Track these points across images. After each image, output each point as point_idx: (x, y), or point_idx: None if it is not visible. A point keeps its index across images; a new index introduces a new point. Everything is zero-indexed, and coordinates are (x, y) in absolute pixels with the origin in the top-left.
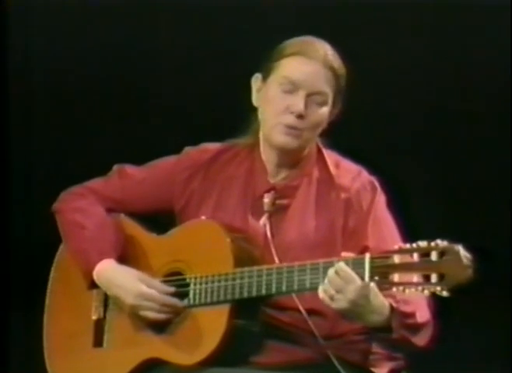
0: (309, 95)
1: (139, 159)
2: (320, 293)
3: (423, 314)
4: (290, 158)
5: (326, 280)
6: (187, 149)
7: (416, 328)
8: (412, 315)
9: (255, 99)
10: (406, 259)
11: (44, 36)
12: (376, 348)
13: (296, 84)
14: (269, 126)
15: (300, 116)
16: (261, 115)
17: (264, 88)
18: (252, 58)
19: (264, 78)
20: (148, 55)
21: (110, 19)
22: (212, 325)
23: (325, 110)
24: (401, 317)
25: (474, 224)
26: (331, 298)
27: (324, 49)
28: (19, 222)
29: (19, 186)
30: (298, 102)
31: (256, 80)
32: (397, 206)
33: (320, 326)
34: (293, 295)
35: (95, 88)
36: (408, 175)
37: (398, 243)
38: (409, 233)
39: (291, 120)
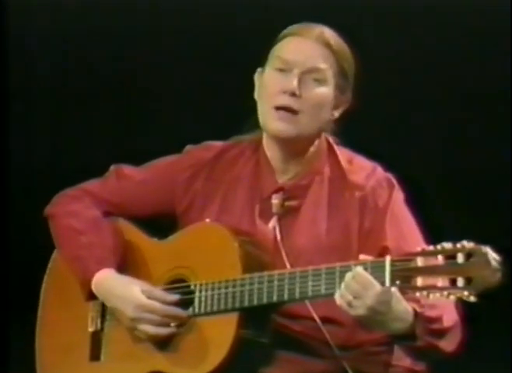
0: (304, 73)
1: (140, 159)
2: (337, 298)
3: (450, 317)
4: (294, 151)
5: (343, 285)
6: (189, 148)
7: (443, 333)
8: (438, 319)
9: (256, 94)
10: (430, 261)
11: (44, 32)
12: (396, 360)
13: (290, 63)
14: (263, 113)
15: (294, 95)
16: (259, 106)
17: (262, 79)
18: (256, 54)
19: (263, 69)
20: (149, 52)
21: (111, 15)
22: (218, 336)
23: (325, 90)
24: (426, 323)
25: (500, 223)
26: (349, 305)
27: (321, 29)
28: (19, 225)
29: (18, 187)
30: (291, 80)
31: (258, 75)
32: (416, 204)
33: (335, 335)
34: (306, 302)
35: (95, 87)
36: (427, 171)
37: (419, 242)
38: (430, 233)
39: (284, 99)
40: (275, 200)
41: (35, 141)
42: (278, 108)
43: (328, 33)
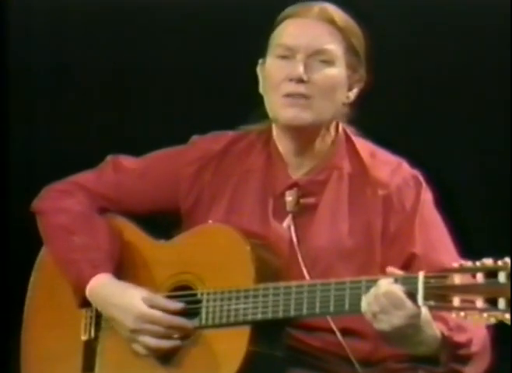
0: (309, 56)
1: (141, 149)
2: (364, 305)
3: (480, 341)
4: (308, 142)
5: (372, 295)
6: (195, 138)
7: (470, 358)
8: (466, 345)
9: (261, 87)
10: (468, 279)
11: (45, 29)
12: None
13: (292, 48)
14: (272, 104)
15: (301, 81)
16: (266, 99)
17: (265, 69)
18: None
19: (265, 60)
20: (148, 45)
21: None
22: (228, 350)
23: (335, 71)
24: (452, 349)
25: None
26: (374, 316)
27: (321, 6)
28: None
29: (18, 183)
30: (295, 66)
31: (260, 67)
32: (446, 206)
33: (357, 349)
34: None
35: (95, 78)
36: (457, 169)
37: (449, 251)
38: (462, 239)
39: (292, 87)
40: (289, 197)
41: (36, 134)
42: (287, 95)
43: (331, 9)
